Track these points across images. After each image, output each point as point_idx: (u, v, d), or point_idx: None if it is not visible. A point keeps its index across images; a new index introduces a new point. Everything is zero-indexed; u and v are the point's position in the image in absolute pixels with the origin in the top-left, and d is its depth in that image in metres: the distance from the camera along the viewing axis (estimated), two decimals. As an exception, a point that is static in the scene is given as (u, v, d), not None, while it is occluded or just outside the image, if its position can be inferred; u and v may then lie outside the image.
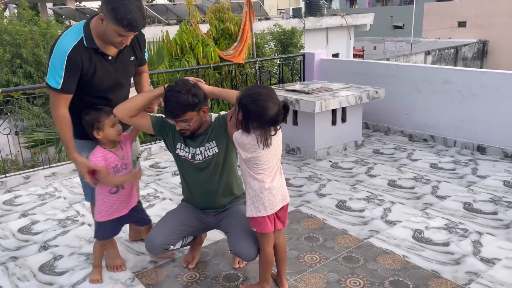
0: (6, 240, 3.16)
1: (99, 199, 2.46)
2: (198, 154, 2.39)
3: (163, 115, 2.37)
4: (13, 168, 5.47)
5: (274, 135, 2.09)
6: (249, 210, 2.20)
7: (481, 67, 22.48)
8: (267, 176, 2.14)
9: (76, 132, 2.41)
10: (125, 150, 2.49)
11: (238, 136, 2.10)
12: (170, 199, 3.72)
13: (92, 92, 2.35)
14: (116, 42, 2.18)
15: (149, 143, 5.03)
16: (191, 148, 2.40)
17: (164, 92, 2.28)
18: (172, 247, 2.44)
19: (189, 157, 2.41)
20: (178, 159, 2.47)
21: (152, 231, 2.45)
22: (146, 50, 2.62)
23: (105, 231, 2.54)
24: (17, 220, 3.47)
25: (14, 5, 21.44)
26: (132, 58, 2.45)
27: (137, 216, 2.68)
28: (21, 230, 3.29)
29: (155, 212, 3.37)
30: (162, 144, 4.68)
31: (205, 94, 2.29)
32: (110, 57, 2.31)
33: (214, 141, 2.38)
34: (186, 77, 2.35)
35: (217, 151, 2.39)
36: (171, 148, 2.47)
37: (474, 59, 22.61)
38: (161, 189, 3.95)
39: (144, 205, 3.45)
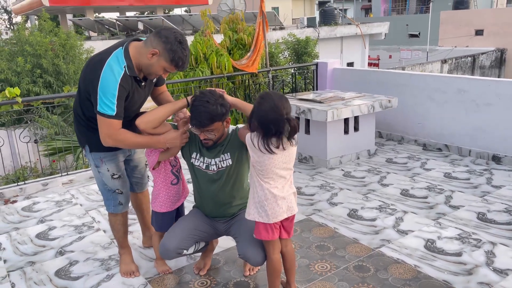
0: (24, 245, 3.25)
1: (162, 193, 2.60)
2: (213, 165, 2.44)
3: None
4: (32, 175, 5.61)
5: (276, 147, 2.08)
6: (251, 213, 2.22)
7: (499, 76, 22.16)
8: (274, 185, 2.16)
9: (93, 145, 2.49)
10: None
11: (248, 136, 2.15)
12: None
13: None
14: (158, 75, 2.35)
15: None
16: (205, 159, 2.45)
17: (187, 104, 2.35)
18: (185, 251, 2.48)
19: (203, 167, 2.47)
20: (192, 168, 2.53)
21: (166, 236, 2.50)
22: None
23: (170, 222, 2.64)
24: (35, 226, 3.57)
25: (36, 17, 22.07)
26: (154, 80, 2.55)
27: (181, 210, 2.78)
28: (38, 236, 3.38)
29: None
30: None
31: (229, 105, 2.35)
32: (143, 83, 2.42)
33: (228, 153, 2.43)
34: (213, 89, 2.41)
35: (230, 163, 2.43)
36: (187, 156, 2.53)
37: (492, 68, 22.31)
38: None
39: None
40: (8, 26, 38.70)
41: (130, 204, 2.89)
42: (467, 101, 4.72)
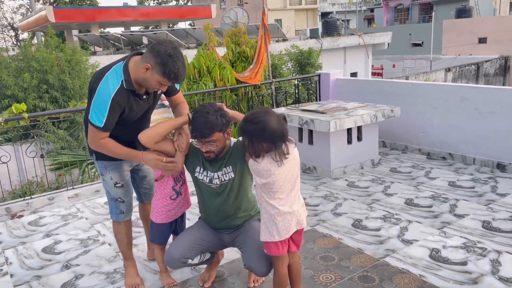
0: (31, 259, 3.27)
1: (159, 204, 2.63)
2: (216, 179, 2.47)
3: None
4: (38, 190, 5.66)
5: (287, 153, 2.12)
6: (263, 234, 2.24)
7: (503, 83, 22.12)
8: (283, 201, 2.17)
9: (99, 153, 2.54)
10: None
11: (251, 163, 2.16)
12: (188, 219, 3.78)
13: (121, 122, 2.47)
14: (155, 89, 2.37)
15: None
16: (209, 172, 2.48)
17: (189, 120, 2.39)
18: (190, 260, 2.50)
19: (207, 181, 2.49)
20: (196, 181, 2.56)
21: (171, 245, 2.54)
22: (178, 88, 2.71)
23: (164, 235, 2.69)
24: (41, 240, 3.59)
25: (42, 33, 22.41)
26: (160, 91, 2.56)
27: (181, 223, 2.79)
28: (44, 250, 3.41)
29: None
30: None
31: (229, 117, 2.39)
32: (144, 96, 2.47)
33: (230, 166, 2.45)
34: (212, 102, 2.45)
35: (233, 176, 2.45)
36: (190, 170, 2.56)
37: (496, 75, 22.28)
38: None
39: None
40: (15, 42, 39.29)
41: (138, 215, 2.91)
42: (470, 109, 4.72)
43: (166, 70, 2.24)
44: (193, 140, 2.39)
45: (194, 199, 3.42)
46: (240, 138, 2.46)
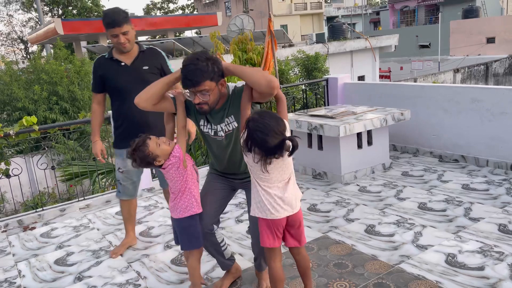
0: (43, 272, 3.27)
1: (193, 192, 2.41)
2: (220, 131, 2.41)
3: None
4: (50, 201, 5.69)
5: (269, 163, 2.06)
6: (252, 209, 2.21)
7: (513, 83, 21.87)
8: (271, 184, 2.14)
9: (114, 141, 3.26)
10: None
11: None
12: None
13: (116, 93, 3.14)
14: (116, 43, 3.03)
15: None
16: (212, 125, 2.42)
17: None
18: (215, 227, 2.53)
19: (212, 133, 2.44)
20: (203, 134, 2.50)
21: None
22: (170, 67, 3.21)
23: (196, 232, 2.42)
24: (54, 252, 3.60)
25: (51, 45, 22.70)
26: (146, 67, 3.11)
27: None
28: (57, 262, 3.41)
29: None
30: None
31: (222, 66, 2.25)
32: (123, 63, 3.11)
33: (232, 116, 2.37)
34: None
35: (236, 125, 2.38)
36: (195, 123, 2.50)
37: (506, 75, 22.04)
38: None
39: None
40: (25, 55, 39.87)
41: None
42: (482, 110, 4.66)
43: (104, 23, 2.99)
44: (185, 91, 2.24)
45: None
46: (238, 84, 2.38)
